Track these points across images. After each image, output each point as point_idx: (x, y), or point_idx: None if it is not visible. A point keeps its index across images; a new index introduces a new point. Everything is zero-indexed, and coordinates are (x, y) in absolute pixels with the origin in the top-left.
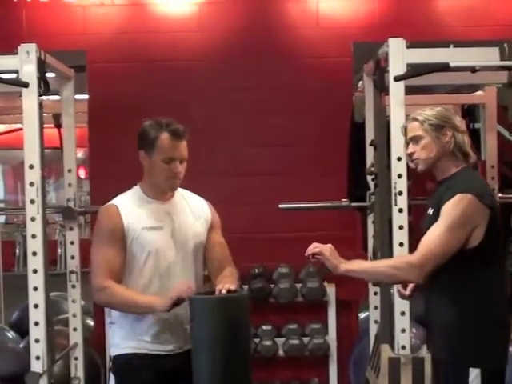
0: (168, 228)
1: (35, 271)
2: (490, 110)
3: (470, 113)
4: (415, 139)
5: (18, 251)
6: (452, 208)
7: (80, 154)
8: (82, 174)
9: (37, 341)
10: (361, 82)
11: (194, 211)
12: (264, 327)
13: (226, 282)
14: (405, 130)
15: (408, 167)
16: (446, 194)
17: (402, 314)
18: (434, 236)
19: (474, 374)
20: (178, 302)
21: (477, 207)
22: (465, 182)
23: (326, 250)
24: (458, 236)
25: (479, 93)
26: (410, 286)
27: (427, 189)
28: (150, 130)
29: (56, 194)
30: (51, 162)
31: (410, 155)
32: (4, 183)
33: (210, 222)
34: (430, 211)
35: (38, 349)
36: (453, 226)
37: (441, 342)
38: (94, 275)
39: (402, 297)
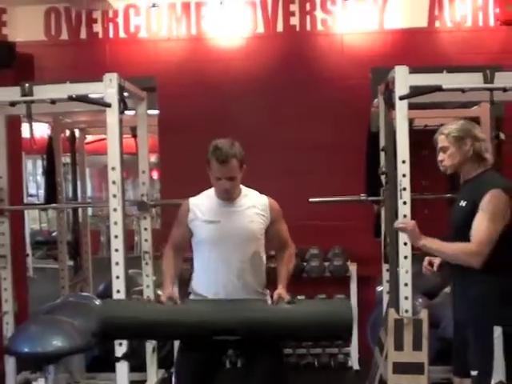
0: (224, 222)
1: (117, 250)
2: (484, 121)
3: None
4: (443, 149)
5: (102, 239)
6: (489, 203)
7: (153, 158)
8: (155, 175)
9: None
10: (376, 100)
11: (253, 209)
12: (299, 297)
13: (280, 289)
14: (436, 141)
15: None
16: (479, 190)
17: (405, 285)
18: (482, 228)
19: (498, 332)
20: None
21: (506, 199)
22: (494, 180)
23: (410, 226)
24: (499, 225)
25: (475, 108)
26: (437, 263)
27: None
28: (208, 152)
29: (133, 192)
30: (129, 166)
31: (440, 162)
32: (91, 183)
33: (270, 216)
34: (463, 203)
35: None
36: (494, 218)
37: (469, 309)
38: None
39: (430, 272)
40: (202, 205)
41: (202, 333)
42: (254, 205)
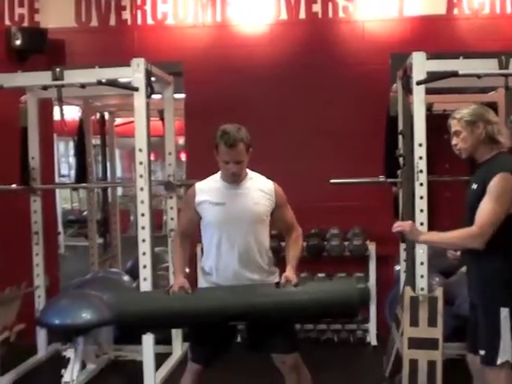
0: (230, 204)
1: (143, 227)
2: (502, 106)
3: None
4: (456, 133)
5: (131, 218)
6: (496, 185)
7: (181, 141)
8: (183, 157)
9: (145, 279)
10: (394, 85)
11: (258, 192)
12: (319, 275)
13: (288, 272)
14: (449, 126)
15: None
16: (489, 172)
17: (421, 263)
18: (487, 209)
19: (505, 313)
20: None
21: None
22: (504, 163)
23: (407, 227)
24: (504, 206)
25: (492, 93)
26: None
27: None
28: (216, 137)
29: (162, 173)
30: (159, 148)
31: (454, 146)
32: (121, 164)
33: (275, 200)
34: (474, 186)
35: (145, 286)
36: (499, 200)
37: (479, 291)
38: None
39: (454, 258)
40: (209, 188)
41: (215, 320)
42: (260, 188)
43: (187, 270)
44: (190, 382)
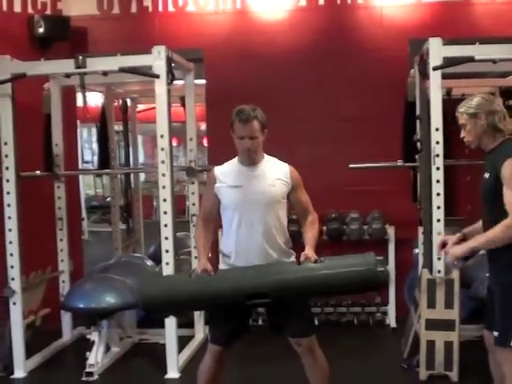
0: (247, 187)
1: (165, 213)
2: None
3: (505, 93)
4: (463, 126)
5: (154, 203)
6: (509, 172)
7: (203, 126)
8: (205, 142)
9: (167, 263)
10: (412, 70)
11: (274, 174)
12: None
13: (307, 250)
14: (457, 119)
15: None
16: (497, 161)
17: None
18: (510, 196)
19: None
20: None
21: None
22: (509, 150)
23: (449, 255)
24: None
25: (510, 77)
26: (452, 240)
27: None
28: (232, 116)
29: (184, 158)
30: (182, 133)
31: (463, 138)
32: (144, 150)
33: (291, 182)
34: (487, 175)
35: (168, 270)
36: None
37: (496, 273)
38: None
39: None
40: (226, 171)
41: (237, 300)
42: (276, 170)
43: (209, 255)
44: (210, 363)
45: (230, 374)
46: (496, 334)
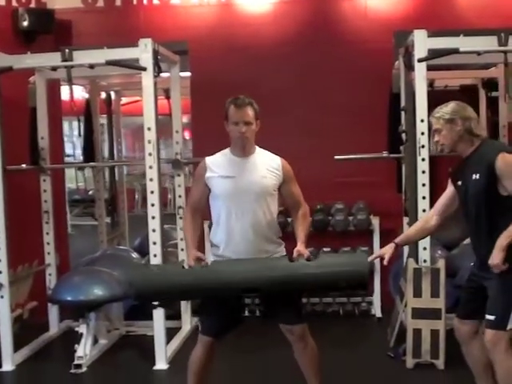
0: (239, 178)
1: (153, 205)
2: (501, 81)
3: (488, 85)
4: (437, 131)
5: (136, 196)
6: (508, 164)
7: (185, 119)
8: (187, 135)
9: (155, 255)
10: (397, 62)
11: (266, 166)
12: (324, 249)
13: (300, 246)
14: (431, 124)
15: None
16: (485, 159)
17: None
18: None
19: None
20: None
21: None
22: (495, 146)
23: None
24: None
25: (493, 69)
26: (388, 254)
27: None
28: (226, 105)
29: (166, 151)
30: (162, 126)
31: (436, 142)
32: (125, 143)
33: (282, 174)
34: (476, 176)
35: (155, 262)
36: None
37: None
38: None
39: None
40: (218, 162)
41: (229, 293)
42: (267, 162)
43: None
44: (200, 354)
45: (220, 364)
46: (492, 317)
